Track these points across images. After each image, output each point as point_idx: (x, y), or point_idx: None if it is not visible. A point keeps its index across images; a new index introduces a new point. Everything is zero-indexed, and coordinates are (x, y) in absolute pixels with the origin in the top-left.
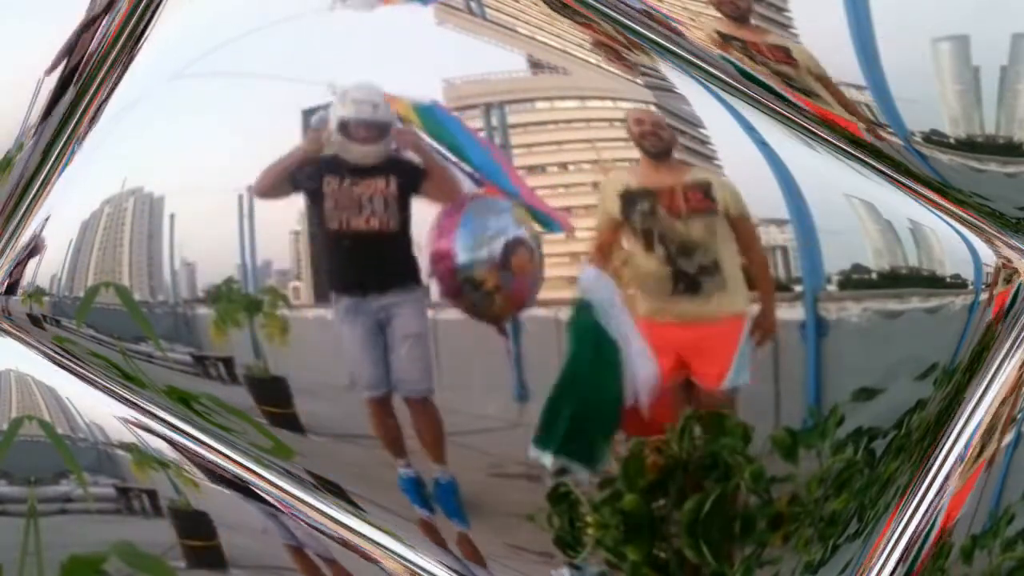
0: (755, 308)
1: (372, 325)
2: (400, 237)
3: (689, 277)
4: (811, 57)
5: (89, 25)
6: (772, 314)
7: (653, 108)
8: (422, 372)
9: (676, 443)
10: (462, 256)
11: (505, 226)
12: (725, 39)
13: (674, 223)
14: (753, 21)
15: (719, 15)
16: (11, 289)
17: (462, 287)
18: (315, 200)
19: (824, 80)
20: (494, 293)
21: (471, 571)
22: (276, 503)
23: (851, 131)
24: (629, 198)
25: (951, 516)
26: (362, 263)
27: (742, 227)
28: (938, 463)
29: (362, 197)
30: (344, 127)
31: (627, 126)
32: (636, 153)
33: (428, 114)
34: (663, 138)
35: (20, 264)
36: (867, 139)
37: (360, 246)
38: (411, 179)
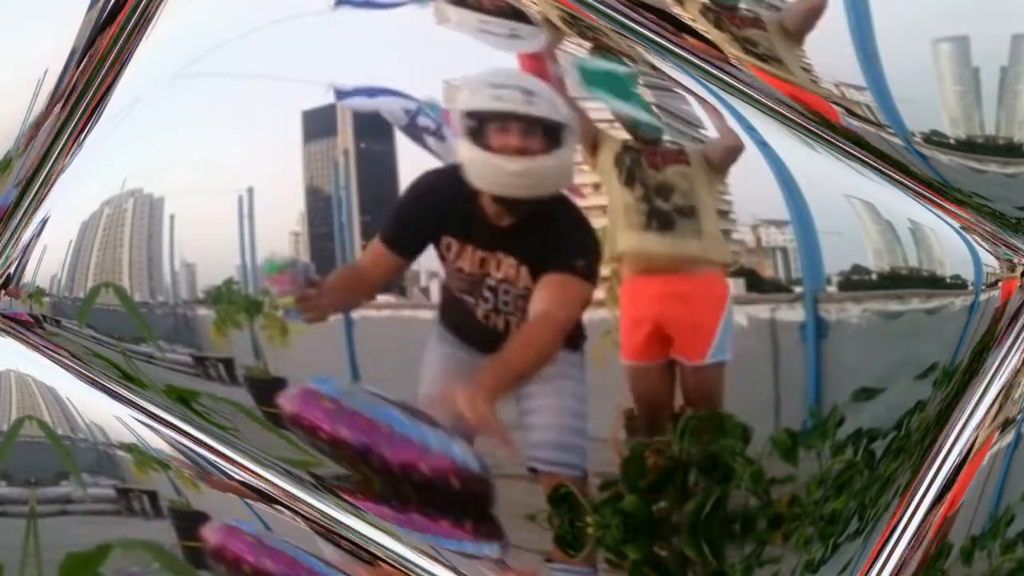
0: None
1: None
2: None
3: (664, 214)
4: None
5: (90, 25)
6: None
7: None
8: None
9: (676, 443)
10: None
11: None
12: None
13: (652, 171)
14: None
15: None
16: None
17: None
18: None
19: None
20: None
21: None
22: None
23: (826, 114)
24: (619, 156)
25: (951, 516)
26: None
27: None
28: (938, 463)
29: (486, 281)
30: (478, 127)
31: None
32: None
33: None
34: None
35: (20, 264)
36: (843, 124)
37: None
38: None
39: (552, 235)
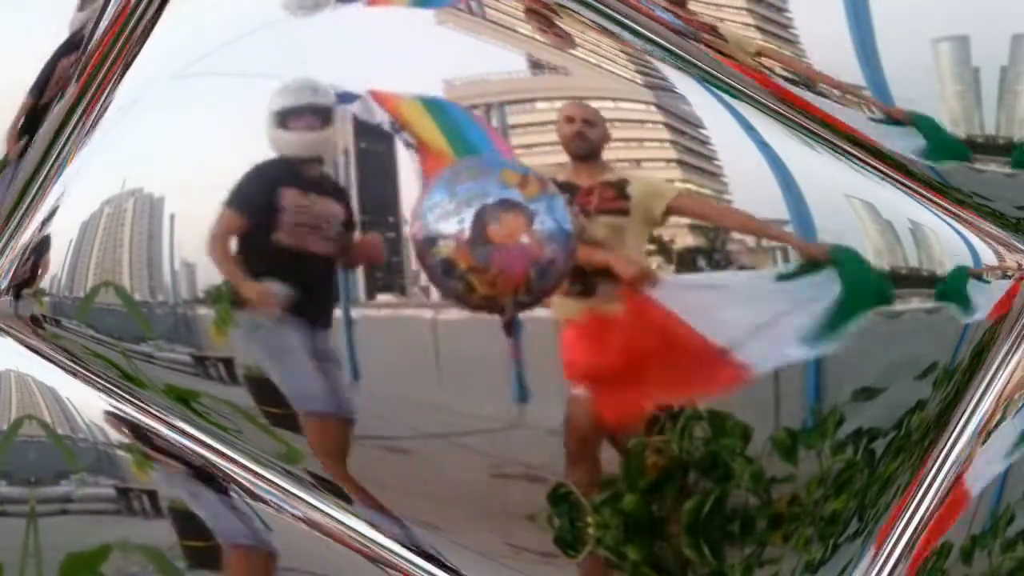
0: None
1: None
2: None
3: (584, 276)
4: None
5: (90, 25)
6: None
7: (591, 103)
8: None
9: (676, 443)
10: (426, 233)
11: (484, 189)
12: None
13: (582, 221)
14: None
15: None
16: (14, 290)
17: (438, 271)
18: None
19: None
20: (469, 275)
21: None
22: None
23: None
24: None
25: (951, 516)
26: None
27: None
28: (938, 463)
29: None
30: (282, 118)
31: (558, 125)
32: (639, 154)
33: (438, 109)
34: (590, 138)
35: (20, 264)
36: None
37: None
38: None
39: None
